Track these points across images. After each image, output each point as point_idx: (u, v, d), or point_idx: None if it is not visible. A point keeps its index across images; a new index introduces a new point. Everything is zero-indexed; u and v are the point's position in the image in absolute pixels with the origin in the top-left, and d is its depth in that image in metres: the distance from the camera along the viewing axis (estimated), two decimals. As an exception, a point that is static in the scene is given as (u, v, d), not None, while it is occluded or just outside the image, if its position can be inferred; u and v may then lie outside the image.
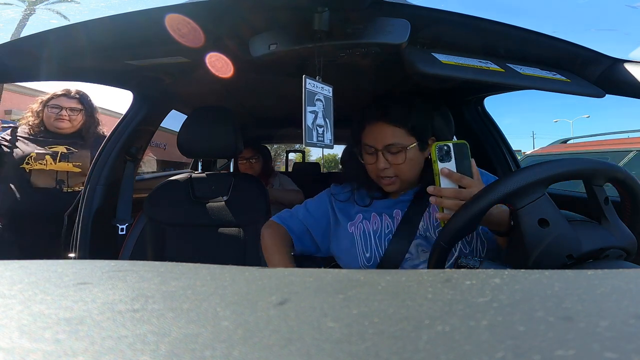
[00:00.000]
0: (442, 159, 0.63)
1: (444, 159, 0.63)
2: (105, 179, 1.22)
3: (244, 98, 1.38)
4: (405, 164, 0.76)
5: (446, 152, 0.63)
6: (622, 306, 0.16)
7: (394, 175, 0.77)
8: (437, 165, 0.63)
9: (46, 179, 1.53)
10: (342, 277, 0.22)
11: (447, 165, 0.63)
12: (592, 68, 0.73)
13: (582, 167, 0.52)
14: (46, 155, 1.53)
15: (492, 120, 1.32)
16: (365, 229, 0.80)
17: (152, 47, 0.76)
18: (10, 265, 0.25)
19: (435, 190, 0.63)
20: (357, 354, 0.13)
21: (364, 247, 0.79)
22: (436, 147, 0.63)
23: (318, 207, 0.90)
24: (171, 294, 0.19)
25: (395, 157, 0.76)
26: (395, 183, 0.79)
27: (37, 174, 1.51)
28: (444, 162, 0.63)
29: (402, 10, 0.59)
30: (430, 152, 0.65)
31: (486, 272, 0.22)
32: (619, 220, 0.53)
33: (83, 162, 1.56)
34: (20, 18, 10.86)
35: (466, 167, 0.63)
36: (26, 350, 0.14)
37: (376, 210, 0.82)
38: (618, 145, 2.69)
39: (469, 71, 0.62)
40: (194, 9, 0.59)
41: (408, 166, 0.77)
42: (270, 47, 0.62)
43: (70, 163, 1.55)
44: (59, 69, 0.85)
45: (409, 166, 0.77)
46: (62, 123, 1.58)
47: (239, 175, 1.29)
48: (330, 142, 0.63)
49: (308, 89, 0.58)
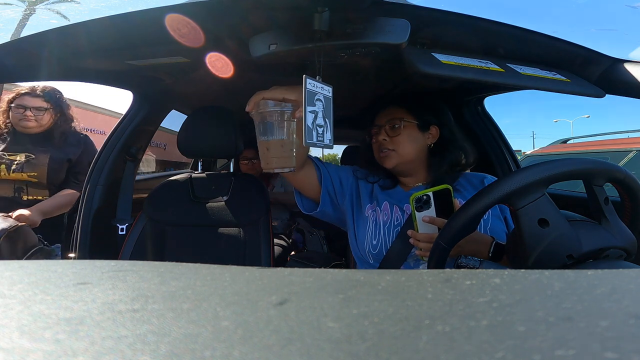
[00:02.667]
0: (420, 209, 0.70)
1: (423, 208, 0.70)
2: (105, 179, 1.22)
3: (244, 98, 1.38)
4: (402, 137, 0.84)
5: (425, 202, 0.70)
6: (622, 306, 0.16)
7: (392, 149, 0.85)
8: (415, 214, 0.70)
9: (4, 187, 1.46)
10: (342, 277, 0.22)
11: (427, 213, 0.70)
12: (592, 68, 0.73)
13: (582, 167, 0.51)
14: (1, 165, 1.44)
15: (492, 120, 1.32)
16: (376, 217, 0.84)
17: (152, 47, 0.76)
18: (10, 265, 0.25)
19: (412, 234, 0.72)
20: (357, 354, 0.13)
21: (372, 235, 0.83)
22: (414, 200, 0.70)
23: (346, 175, 0.93)
24: (171, 294, 0.19)
25: (394, 131, 0.85)
26: (391, 157, 0.85)
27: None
28: (422, 210, 0.70)
29: (402, 10, 0.59)
30: (410, 202, 0.71)
31: (486, 272, 0.22)
32: (619, 220, 0.53)
33: (39, 172, 1.47)
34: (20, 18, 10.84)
35: (449, 210, 0.68)
36: (26, 350, 0.14)
37: (389, 200, 0.86)
38: (618, 145, 2.69)
39: (469, 71, 0.62)
40: (194, 9, 0.59)
41: (404, 140, 0.84)
42: (270, 47, 0.62)
43: (24, 173, 1.46)
44: (59, 69, 0.85)
45: (405, 140, 0.84)
46: (28, 123, 1.48)
47: (239, 175, 1.29)
48: (330, 142, 0.63)
49: (308, 89, 0.58)
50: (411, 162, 0.86)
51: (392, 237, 0.80)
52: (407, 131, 0.85)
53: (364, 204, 0.87)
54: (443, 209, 0.70)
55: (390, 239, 0.80)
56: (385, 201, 0.85)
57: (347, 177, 0.92)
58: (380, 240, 0.80)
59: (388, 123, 0.86)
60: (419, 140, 0.86)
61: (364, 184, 0.92)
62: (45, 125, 1.54)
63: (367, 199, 0.88)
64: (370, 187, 0.91)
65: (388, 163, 0.86)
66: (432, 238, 0.68)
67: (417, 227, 0.71)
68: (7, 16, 7.72)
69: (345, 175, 0.92)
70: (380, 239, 0.81)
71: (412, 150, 0.85)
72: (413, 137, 0.85)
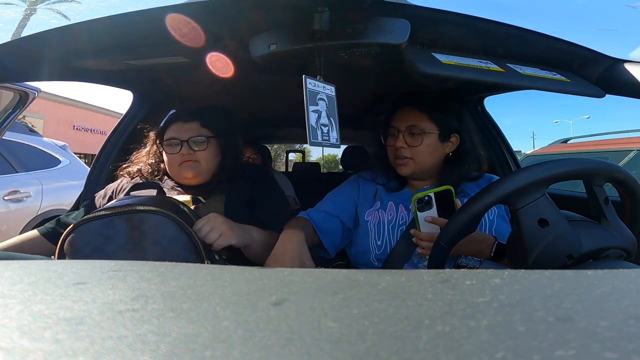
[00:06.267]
0: (422, 209, 0.71)
1: (425, 208, 0.71)
2: (105, 179, 1.22)
3: (244, 98, 1.38)
4: (422, 147, 0.80)
5: (427, 202, 0.71)
6: (622, 306, 0.16)
7: (410, 157, 0.81)
8: (417, 215, 0.71)
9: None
10: (342, 277, 0.22)
11: (429, 213, 0.71)
12: (592, 68, 0.73)
13: (582, 167, 0.51)
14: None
15: (492, 120, 1.32)
16: (380, 218, 0.83)
17: (152, 47, 0.76)
18: (10, 265, 0.25)
19: (415, 233, 0.72)
20: (357, 354, 0.13)
21: (376, 236, 0.81)
22: (415, 200, 0.71)
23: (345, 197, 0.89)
24: (171, 294, 0.19)
25: (414, 139, 0.80)
26: (409, 165, 0.82)
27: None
28: (424, 211, 0.71)
29: (402, 10, 0.59)
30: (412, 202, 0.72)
31: (486, 272, 0.22)
32: (619, 220, 0.53)
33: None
34: (20, 18, 10.83)
35: (451, 211, 0.69)
36: (26, 350, 0.14)
37: (394, 200, 0.85)
38: (618, 145, 2.69)
39: (469, 71, 0.62)
40: (194, 8, 0.59)
41: (424, 150, 0.80)
42: (271, 47, 0.62)
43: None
44: (59, 69, 0.85)
45: (425, 151, 0.80)
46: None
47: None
48: (336, 141, 0.62)
49: (309, 89, 0.58)
50: (427, 170, 0.83)
51: (396, 236, 0.80)
52: (428, 141, 0.80)
53: (362, 211, 0.86)
54: (445, 210, 0.70)
55: (395, 238, 0.80)
56: (391, 201, 0.84)
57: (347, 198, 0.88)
58: (384, 241, 0.80)
59: (407, 129, 0.80)
60: (439, 150, 0.82)
61: (366, 188, 0.89)
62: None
63: (368, 203, 0.86)
64: (374, 188, 0.89)
65: (404, 170, 0.82)
66: (434, 237, 0.67)
67: (420, 228, 0.71)
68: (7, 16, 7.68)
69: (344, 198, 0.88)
70: (385, 239, 0.80)
71: (431, 160, 0.81)
72: (433, 148, 0.80)
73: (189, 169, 0.87)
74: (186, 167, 0.87)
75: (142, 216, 0.65)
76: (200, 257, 0.66)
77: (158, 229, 0.64)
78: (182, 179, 0.90)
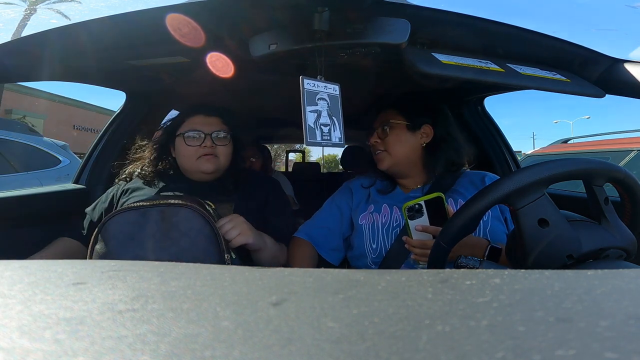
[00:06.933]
0: (412, 217, 0.71)
1: (415, 217, 0.71)
2: (105, 179, 1.22)
3: (244, 98, 1.38)
4: (391, 137, 0.86)
5: (417, 210, 0.71)
6: (622, 306, 0.16)
7: (383, 150, 0.87)
8: (408, 223, 0.72)
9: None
10: (342, 277, 0.22)
11: (420, 221, 0.71)
12: (592, 68, 0.73)
13: (582, 167, 0.51)
14: None
15: (492, 120, 1.32)
16: (374, 221, 0.84)
17: (152, 47, 0.76)
18: (10, 265, 0.25)
19: (407, 241, 0.73)
20: (357, 354, 0.13)
21: (371, 239, 0.83)
22: (406, 209, 0.71)
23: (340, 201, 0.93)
24: (171, 294, 0.19)
25: (384, 132, 0.87)
26: (385, 158, 0.87)
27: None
28: (414, 219, 0.71)
29: (402, 10, 0.59)
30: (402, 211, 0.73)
31: (486, 272, 0.22)
32: (619, 220, 0.53)
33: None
34: (21, 18, 10.83)
35: (442, 217, 0.70)
36: (26, 350, 0.14)
37: (388, 202, 0.86)
38: (618, 145, 2.69)
39: (469, 71, 0.62)
40: (194, 8, 0.59)
41: (394, 140, 0.86)
42: (270, 47, 0.62)
43: None
44: (59, 69, 0.85)
45: (395, 140, 0.86)
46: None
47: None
48: (339, 141, 0.62)
49: (307, 89, 0.58)
50: (405, 162, 0.86)
51: (391, 239, 0.80)
52: (396, 132, 0.86)
53: (357, 215, 0.88)
54: (436, 217, 0.71)
55: (389, 241, 0.80)
56: (385, 203, 0.86)
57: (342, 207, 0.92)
58: (379, 244, 0.81)
59: (380, 126, 0.88)
60: (410, 140, 0.86)
61: (359, 193, 0.92)
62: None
63: (362, 207, 0.88)
64: (366, 193, 0.92)
65: (381, 164, 0.87)
66: (426, 244, 0.70)
67: (411, 235, 0.72)
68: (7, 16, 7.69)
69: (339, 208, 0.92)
70: (380, 242, 0.81)
71: (403, 150, 0.86)
72: (403, 138, 0.86)
73: (208, 162, 0.86)
74: (205, 160, 0.86)
75: (174, 209, 0.71)
76: (220, 250, 0.71)
77: (187, 221, 0.70)
78: (198, 174, 0.89)
